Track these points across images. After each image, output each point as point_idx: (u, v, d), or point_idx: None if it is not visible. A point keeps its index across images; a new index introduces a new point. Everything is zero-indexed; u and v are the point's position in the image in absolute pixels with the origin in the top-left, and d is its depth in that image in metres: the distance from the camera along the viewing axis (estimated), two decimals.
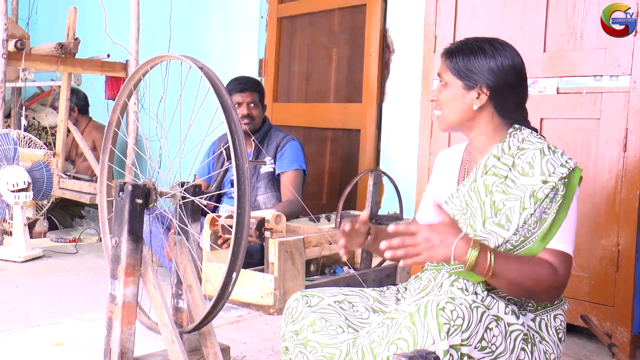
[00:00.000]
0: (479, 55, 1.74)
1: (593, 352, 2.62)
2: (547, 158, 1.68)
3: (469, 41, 1.79)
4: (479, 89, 1.74)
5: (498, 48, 1.75)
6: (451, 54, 1.78)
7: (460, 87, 1.76)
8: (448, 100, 1.78)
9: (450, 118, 1.79)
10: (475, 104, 1.75)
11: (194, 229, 1.99)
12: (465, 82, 1.75)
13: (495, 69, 1.73)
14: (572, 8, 2.70)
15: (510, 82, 1.74)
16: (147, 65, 1.94)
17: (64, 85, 4.67)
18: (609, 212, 2.58)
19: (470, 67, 1.74)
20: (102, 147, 2.13)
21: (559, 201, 1.65)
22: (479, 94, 1.74)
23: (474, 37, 1.80)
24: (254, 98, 3.65)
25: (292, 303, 1.76)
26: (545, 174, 1.66)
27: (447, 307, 1.44)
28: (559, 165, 1.67)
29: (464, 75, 1.75)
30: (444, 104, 1.79)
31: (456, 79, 1.76)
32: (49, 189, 4.05)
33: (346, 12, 4.32)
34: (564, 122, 2.73)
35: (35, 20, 6.55)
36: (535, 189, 1.66)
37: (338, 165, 4.43)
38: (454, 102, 1.77)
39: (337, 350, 1.63)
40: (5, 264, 3.75)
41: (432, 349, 1.41)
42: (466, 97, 1.76)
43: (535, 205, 1.65)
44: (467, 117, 1.77)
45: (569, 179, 1.67)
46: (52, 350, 2.46)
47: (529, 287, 1.60)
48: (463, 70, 1.75)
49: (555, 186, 1.65)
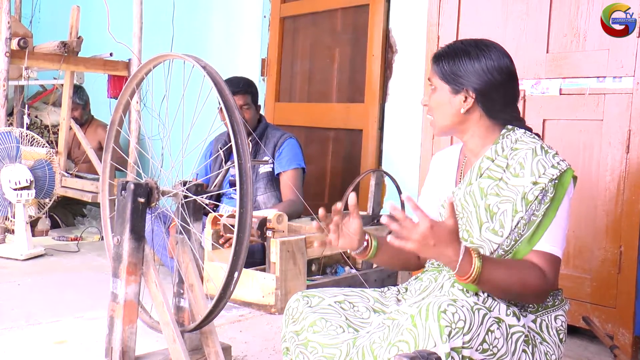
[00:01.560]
0: (464, 58, 1.74)
1: (595, 354, 2.61)
2: (538, 158, 1.67)
3: (455, 44, 1.79)
4: (465, 92, 1.73)
5: (483, 49, 1.74)
6: (438, 58, 1.78)
7: (447, 92, 1.76)
8: (437, 105, 1.79)
9: (441, 123, 1.80)
10: (463, 107, 1.75)
11: (195, 228, 1.99)
12: (452, 86, 1.75)
13: (479, 71, 1.72)
14: (576, 9, 2.69)
15: (496, 83, 1.73)
16: (149, 64, 1.94)
17: (66, 83, 4.68)
18: (611, 213, 2.57)
19: (455, 70, 1.74)
20: (105, 145, 2.13)
21: (547, 203, 1.65)
22: (466, 97, 1.74)
23: (461, 40, 1.81)
24: (247, 100, 3.60)
25: (293, 303, 1.76)
26: (535, 174, 1.65)
27: (448, 310, 1.44)
28: (550, 167, 1.66)
29: (450, 80, 1.75)
30: (434, 108, 1.80)
31: (443, 83, 1.76)
32: (51, 187, 4.06)
33: (349, 12, 4.32)
34: (566, 123, 2.72)
35: (38, 18, 6.55)
36: (526, 191, 1.65)
37: (340, 165, 4.43)
38: (443, 106, 1.78)
39: (337, 351, 1.63)
40: (7, 262, 3.75)
41: (434, 351, 1.41)
42: (453, 101, 1.76)
43: (526, 208, 1.65)
44: (456, 120, 1.77)
45: (559, 180, 1.66)
46: (54, 348, 2.46)
47: (517, 292, 1.61)
48: (449, 74, 1.75)
49: (544, 187, 1.64)
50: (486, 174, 1.73)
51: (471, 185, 1.75)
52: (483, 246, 1.69)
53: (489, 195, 1.70)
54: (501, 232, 1.67)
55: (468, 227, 1.73)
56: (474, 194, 1.73)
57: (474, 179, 1.75)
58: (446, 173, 1.90)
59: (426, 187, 1.96)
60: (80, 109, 5.22)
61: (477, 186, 1.74)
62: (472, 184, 1.75)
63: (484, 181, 1.73)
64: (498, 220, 1.67)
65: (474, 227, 1.71)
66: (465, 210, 1.74)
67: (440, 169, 1.93)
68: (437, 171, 1.94)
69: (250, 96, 3.63)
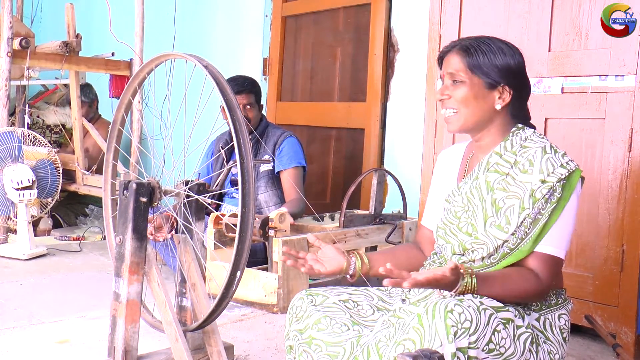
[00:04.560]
0: (499, 54, 1.71)
1: (597, 353, 2.61)
2: (547, 156, 1.68)
3: (483, 39, 1.75)
4: (501, 88, 1.72)
5: (512, 48, 1.74)
6: (467, 50, 1.72)
7: (481, 86, 1.72)
8: (467, 100, 1.72)
9: (469, 118, 1.74)
10: (498, 103, 1.73)
11: (198, 227, 1.99)
12: (487, 80, 1.71)
13: (515, 68, 1.73)
14: (578, 7, 2.69)
15: (526, 82, 1.76)
16: (151, 63, 1.94)
17: (72, 83, 4.67)
18: (613, 212, 2.57)
19: (493, 65, 1.71)
20: (107, 145, 2.13)
21: (554, 203, 1.65)
22: (502, 93, 1.73)
23: (484, 36, 1.77)
24: (250, 100, 3.59)
25: (297, 302, 1.76)
26: (544, 172, 1.65)
27: (455, 310, 1.44)
28: (559, 166, 1.66)
29: (485, 74, 1.71)
30: (461, 103, 1.73)
31: (476, 77, 1.72)
32: (53, 187, 4.06)
33: (351, 11, 4.32)
34: (568, 122, 2.72)
35: (39, 18, 6.57)
36: (534, 188, 1.65)
37: (342, 164, 4.43)
38: (475, 101, 1.72)
39: (341, 349, 1.63)
40: (9, 261, 3.76)
41: (440, 351, 1.41)
42: (488, 96, 1.72)
43: (532, 205, 1.65)
44: (486, 117, 1.74)
45: (567, 180, 1.66)
46: (56, 347, 2.46)
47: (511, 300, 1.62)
48: (483, 69, 1.71)
49: (552, 187, 1.64)
50: (493, 168, 1.73)
51: (478, 179, 1.75)
52: (486, 242, 1.68)
53: (496, 190, 1.70)
54: (507, 228, 1.66)
55: (473, 221, 1.72)
56: (480, 187, 1.73)
57: (481, 173, 1.75)
58: (450, 169, 1.90)
59: (432, 186, 1.96)
60: (86, 107, 5.19)
61: (483, 180, 1.74)
62: (479, 177, 1.75)
63: (491, 175, 1.73)
64: (504, 215, 1.67)
65: (478, 222, 1.71)
66: (471, 203, 1.74)
67: (445, 166, 1.93)
68: (441, 168, 1.94)
69: (254, 95, 3.63)
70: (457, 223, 1.76)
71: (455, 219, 1.77)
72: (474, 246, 1.70)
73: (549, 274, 1.64)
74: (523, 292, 1.62)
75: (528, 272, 1.64)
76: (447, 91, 1.75)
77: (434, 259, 1.85)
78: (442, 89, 1.77)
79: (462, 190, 1.78)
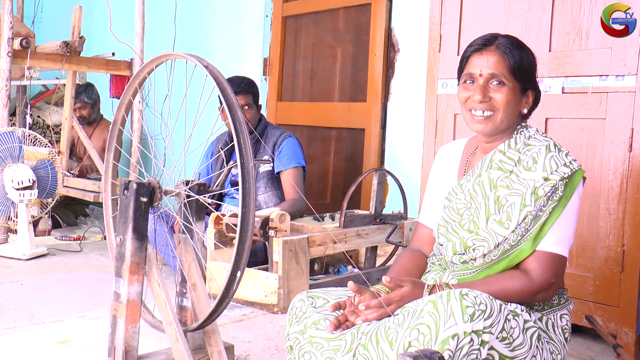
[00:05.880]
0: (532, 59, 1.72)
1: (598, 353, 2.61)
2: (551, 155, 1.68)
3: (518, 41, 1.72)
4: (529, 93, 1.72)
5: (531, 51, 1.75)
6: (510, 52, 1.68)
7: (517, 90, 1.70)
8: (509, 103, 1.69)
9: (505, 121, 1.71)
10: (525, 107, 1.73)
11: (198, 227, 1.99)
12: (522, 84, 1.70)
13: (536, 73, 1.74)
14: (578, 7, 2.69)
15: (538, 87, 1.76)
16: (152, 63, 1.94)
17: (68, 83, 4.68)
18: (614, 212, 2.57)
19: (530, 70, 1.71)
20: (107, 145, 2.13)
21: (555, 202, 1.65)
22: (528, 98, 1.73)
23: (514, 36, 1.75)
24: (248, 100, 3.59)
25: (297, 303, 1.76)
26: (548, 170, 1.66)
27: (470, 293, 1.46)
28: (562, 165, 1.66)
29: (524, 79, 1.70)
30: (502, 106, 1.69)
31: (515, 81, 1.69)
32: (54, 187, 4.06)
33: (351, 11, 4.32)
34: (569, 122, 2.72)
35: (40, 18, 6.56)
36: (537, 185, 1.65)
37: (342, 164, 4.43)
38: (513, 105, 1.70)
39: (342, 342, 1.63)
40: (9, 261, 3.76)
41: (454, 331, 1.41)
42: (520, 100, 1.72)
43: (534, 202, 1.65)
44: (513, 120, 1.73)
45: (570, 179, 1.66)
46: (57, 347, 2.46)
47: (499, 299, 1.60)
48: (522, 73, 1.69)
49: (555, 185, 1.64)
50: (496, 165, 1.73)
51: (481, 176, 1.75)
52: (488, 239, 1.68)
53: (500, 187, 1.70)
54: (507, 225, 1.66)
55: (475, 218, 1.72)
56: (483, 185, 1.73)
57: (484, 170, 1.75)
58: (449, 166, 1.89)
59: (430, 182, 1.95)
60: (88, 108, 5.20)
61: (486, 177, 1.74)
62: (482, 175, 1.75)
63: (494, 172, 1.73)
64: (505, 212, 1.67)
65: (480, 218, 1.71)
66: (474, 200, 1.74)
67: (444, 162, 1.92)
68: (441, 164, 1.93)
69: (251, 96, 3.62)
70: (459, 220, 1.76)
71: (457, 216, 1.77)
72: (475, 243, 1.70)
73: (548, 272, 1.64)
74: (509, 289, 1.61)
75: (516, 271, 1.65)
76: (491, 93, 1.69)
77: (433, 260, 1.85)
78: (482, 90, 1.69)
79: (464, 187, 1.78)
